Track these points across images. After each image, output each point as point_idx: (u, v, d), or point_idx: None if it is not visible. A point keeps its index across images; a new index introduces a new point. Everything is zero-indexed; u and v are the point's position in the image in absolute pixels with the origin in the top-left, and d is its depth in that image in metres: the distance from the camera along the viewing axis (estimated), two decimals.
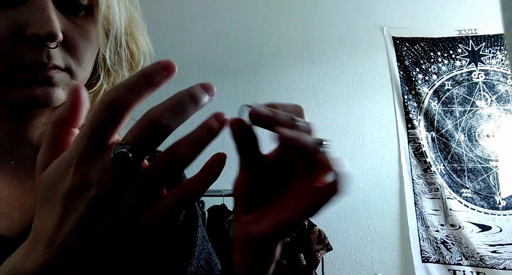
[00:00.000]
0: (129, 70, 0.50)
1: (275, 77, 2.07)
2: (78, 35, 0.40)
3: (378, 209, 1.96)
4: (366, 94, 2.08)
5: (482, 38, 2.09)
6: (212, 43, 2.08)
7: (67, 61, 0.40)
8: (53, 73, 0.39)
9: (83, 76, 0.43)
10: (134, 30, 0.49)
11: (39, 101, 0.38)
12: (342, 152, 2.00)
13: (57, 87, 0.39)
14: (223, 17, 2.12)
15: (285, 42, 2.11)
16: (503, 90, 2.04)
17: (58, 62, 0.39)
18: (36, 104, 0.39)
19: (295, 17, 2.14)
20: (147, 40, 0.51)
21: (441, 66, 2.09)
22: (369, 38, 2.13)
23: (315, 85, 2.08)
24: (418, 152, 2.00)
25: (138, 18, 0.50)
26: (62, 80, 0.40)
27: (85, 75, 0.43)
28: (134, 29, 0.49)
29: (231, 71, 2.04)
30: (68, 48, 0.40)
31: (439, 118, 2.03)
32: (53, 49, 0.38)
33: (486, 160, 1.97)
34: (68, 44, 0.40)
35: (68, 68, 0.40)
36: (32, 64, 0.37)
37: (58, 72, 0.39)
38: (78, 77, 0.42)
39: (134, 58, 0.50)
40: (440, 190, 1.95)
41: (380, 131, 2.04)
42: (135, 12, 0.49)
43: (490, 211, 1.91)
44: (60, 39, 0.37)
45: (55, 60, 0.38)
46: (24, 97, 0.38)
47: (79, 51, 0.41)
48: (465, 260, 1.86)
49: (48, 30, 0.36)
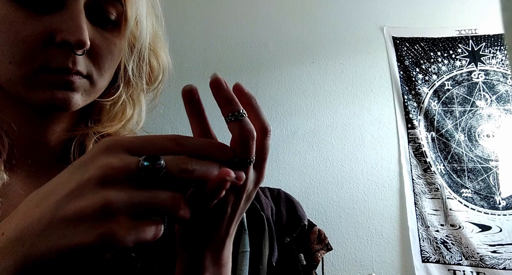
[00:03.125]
0: (147, 83, 0.51)
1: (275, 77, 2.07)
2: (103, 46, 0.42)
3: (378, 209, 1.96)
4: (366, 94, 2.08)
5: (482, 38, 2.09)
6: (212, 43, 2.08)
7: (89, 69, 0.42)
8: (75, 78, 0.40)
9: (102, 84, 0.45)
10: (157, 46, 0.51)
11: (58, 104, 0.40)
12: (342, 152, 2.00)
13: (76, 93, 0.41)
14: (223, 17, 2.12)
15: (285, 42, 2.11)
16: (503, 90, 2.04)
17: (81, 69, 0.40)
18: (55, 107, 0.40)
19: (295, 17, 2.14)
20: (168, 58, 0.53)
21: (441, 66, 2.09)
22: (369, 38, 2.13)
23: (315, 85, 2.08)
24: (418, 152, 2.00)
25: (161, 35, 0.52)
26: (82, 87, 0.41)
27: (104, 84, 0.45)
28: (157, 45, 0.51)
29: (231, 71, 2.04)
30: (92, 56, 0.42)
31: (439, 118, 2.03)
32: (79, 56, 0.40)
33: (486, 160, 1.97)
34: (93, 53, 0.42)
35: (89, 76, 0.42)
36: (58, 68, 0.39)
37: (79, 78, 0.41)
38: (97, 85, 0.43)
39: (154, 72, 0.51)
40: (440, 190, 1.95)
41: (380, 131, 2.04)
42: (159, 29, 0.52)
43: (490, 211, 1.91)
44: (88, 47, 0.39)
45: (79, 66, 0.40)
46: (44, 99, 0.39)
47: (102, 61, 0.43)
48: (465, 260, 1.86)
49: (78, 38, 0.38)
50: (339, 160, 2.00)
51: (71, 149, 0.47)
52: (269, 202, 1.55)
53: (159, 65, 0.51)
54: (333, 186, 1.96)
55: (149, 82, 0.52)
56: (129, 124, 0.50)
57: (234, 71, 2.04)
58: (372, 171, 2.00)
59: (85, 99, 0.43)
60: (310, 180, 1.96)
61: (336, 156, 2.00)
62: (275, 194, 1.61)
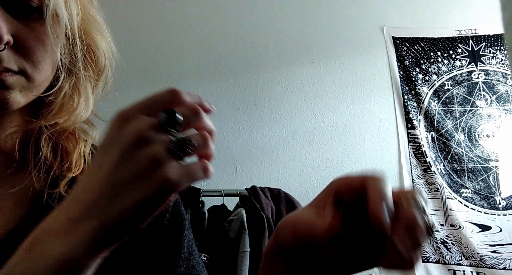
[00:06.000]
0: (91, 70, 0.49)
1: (275, 77, 2.07)
2: (31, 38, 0.40)
3: None
4: (366, 94, 2.08)
5: (482, 38, 2.09)
6: (212, 43, 2.07)
7: (21, 64, 0.40)
8: (5, 76, 0.39)
9: (42, 78, 0.43)
10: (91, 30, 0.48)
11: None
12: (342, 152, 2.00)
13: (13, 91, 0.40)
14: (223, 17, 2.12)
15: (285, 42, 2.11)
16: (503, 90, 2.04)
17: (10, 65, 0.39)
18: None
19: (295, 17, 2.14)
20: (108, 40, 0.51)
21: (441, 66, 2.09)
22: (369, 38, 2.13)
23: (315, 85, 2.08)
24: (418, 152, 2.00)
25: (97, 17, 0.49)
26: (18, 84, 0.40)
27: (44, 78, 0.43)
28: (92, 29, 0.48)
29: (231, 71, 2.04)
30: (21, 51, 0.40)
31: (439, 118, 2.03)
32: (4, 53, 0.38)
33: (486, 160, 1.97)
34: (20, 47, 0.39)
35: (22, 71, 0.40)
36: None
37: (11, 75, 0.39)
38: (35, 79, 0.41)
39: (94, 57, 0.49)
40: (440, 190, 1.95)
41: (380, 131, 2.04)
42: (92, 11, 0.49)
43: (490, 211, 1.91)
44: (6, 41, 0.37)
45: (6, 63, 0.38)
46: None
47: (33, 54, 0.41)
48: (465, 260, 1.86)
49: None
50: (339, 160, 2.00)
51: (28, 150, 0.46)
52: (269, 202, 1.55)
53: (98, 49, 0.49)
54: None
55: (93, 69, 0.49)
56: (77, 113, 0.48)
57: (234, 71, 2.04)
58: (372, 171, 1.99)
59: (27, 96, 0.42)
60: (310, 180, 1.96)
61: (336, 156, 2.00)
62: (275, 194, 1.61)
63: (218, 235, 1.47)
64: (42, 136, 0.46)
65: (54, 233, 0.27)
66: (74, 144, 0.48)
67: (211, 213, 1.58)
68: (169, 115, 0.28)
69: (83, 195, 0.28)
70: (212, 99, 1.99)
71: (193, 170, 0.29)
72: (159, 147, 0.28)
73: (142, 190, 0.27)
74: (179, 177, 0.27)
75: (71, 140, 0.48)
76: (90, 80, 0.50)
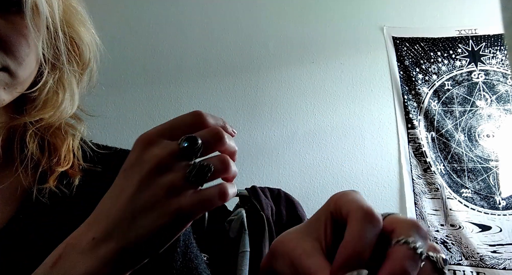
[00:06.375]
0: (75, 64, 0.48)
1: (275, 77, 2.07)
2: (11, 33, 0.39)
3: (378, 209, 1.92)
4: (366, 94, 2.08)
5: (482, 38, 2.09)
6: (212, 43, 2.07)
7: (3, 61, 0.39)
8: None
9: (25, 74, 0.42)
10: (74, 22, 0.47)
11: None
12: (342, 152, 2.00)
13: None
14: (223, 17, 2.12)
15: (285, 42, 2.11)
16: (503, 90, 2.04)
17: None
18: None
19: (295, 17, 2.14)
20: (92, 31, 0.50)
21: (441, 66, 2.09)
22: (369, 38, 2.13)
23: (315, 85, 2.08)
24: (418, 152, 2.00)
25: (79, 9, 0.48)
26: (1, 81, 0.39)
27: (28, 74, 0.42)
28: (74, 21, 0.47)
29: (231, 71, 2.04)
30: (3, 46, 0.39)
31: (439, 118, 2.03)
32: None
33: (486, 160, 1.97)
34: (2, 42, 0.38)
35: (5, 68, 0.39)
36: None
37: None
38: (19, 75, 0.41)
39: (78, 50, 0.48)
40: (440, 190, 1.95)
41: (380, 131, 2.04)
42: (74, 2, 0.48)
43: (490, 211, 1.91)
44: None
45: None
46: None
47: (15, 49, 0.39)
48: (465, 260, 1.86)
49: None
50: (339, 160, 2.00)
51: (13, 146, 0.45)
52: (269, 202, 1.54)
53: (82, 41, 0.48)
54: (333, 186, 1.96)
55: (77, 62, 0.48)
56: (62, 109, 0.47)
57: (234, 72, 2.04)
58: (372, 171, 2.00)
59: (11, 93, 0.41)
60: (310, 180, 1.96)
61: (336, 156, 2.00)
62: (275, 194, 1.61)
63: (218, 235, 1.47)
64: (27, 133, 0.46)
65: (78, 251, 0.28)
66: (62, 139, 0.48)
67: (211, 213, 1.58)
68: (190, 143, 0.29)
69: (106, 217, 0.29)
70: (212, 99, 1.99)
71: (208, 198, 0.29)
72: (176, 175, 0.28)
73: (157, 220, 0.27)
74: (193, 207, 0.28)
75: (58, 135, 0.48)
76: (74, 74, 0.48)
